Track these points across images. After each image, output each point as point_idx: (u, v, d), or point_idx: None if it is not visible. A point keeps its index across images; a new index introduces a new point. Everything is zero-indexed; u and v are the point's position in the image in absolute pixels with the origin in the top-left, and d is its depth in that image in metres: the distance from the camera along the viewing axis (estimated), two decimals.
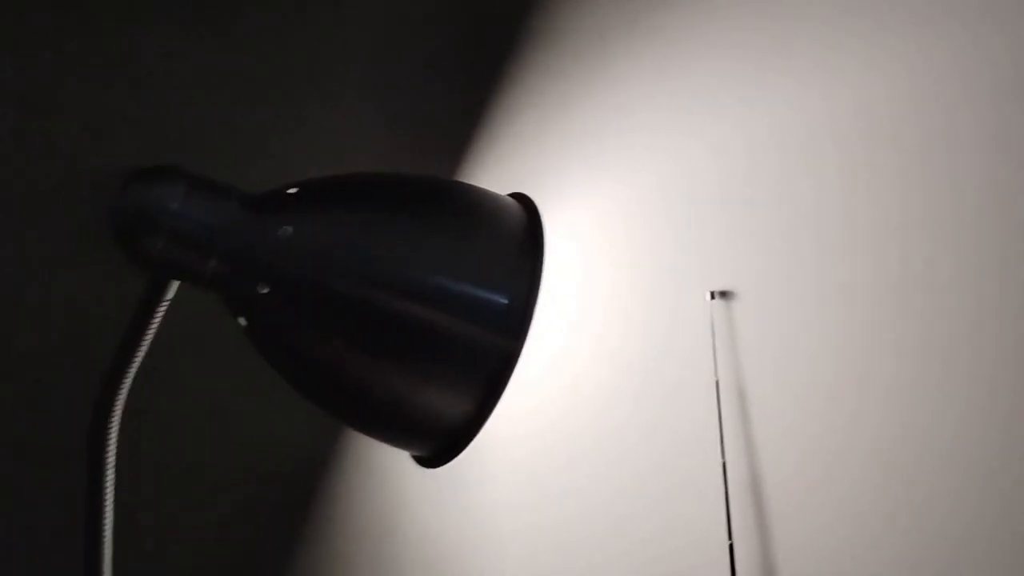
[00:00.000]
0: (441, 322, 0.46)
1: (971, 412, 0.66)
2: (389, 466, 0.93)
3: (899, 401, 0.69)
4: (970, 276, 0.66)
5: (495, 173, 0.94)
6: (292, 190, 0.49)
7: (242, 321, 0.49)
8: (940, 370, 0.66)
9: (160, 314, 0.51)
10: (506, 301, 0.47)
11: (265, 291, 0.47)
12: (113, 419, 0.53)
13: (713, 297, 0.74)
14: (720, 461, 0.73)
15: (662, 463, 0.79)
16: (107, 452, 0.53)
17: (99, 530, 0.55)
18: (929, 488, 0.71)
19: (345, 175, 0.50)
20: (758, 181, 0.74)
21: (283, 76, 0.89)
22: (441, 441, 0.50)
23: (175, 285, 0.50)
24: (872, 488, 0.72)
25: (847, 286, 0.72)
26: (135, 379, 0.53)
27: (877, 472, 0.72)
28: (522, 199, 0.54)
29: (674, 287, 0.78)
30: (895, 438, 0.71)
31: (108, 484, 0.54)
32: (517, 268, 0.48)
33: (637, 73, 0.83)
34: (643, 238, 0.82)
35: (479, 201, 0.50)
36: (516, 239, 0.49)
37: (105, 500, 0.55)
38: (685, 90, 0.80)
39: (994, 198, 0.63)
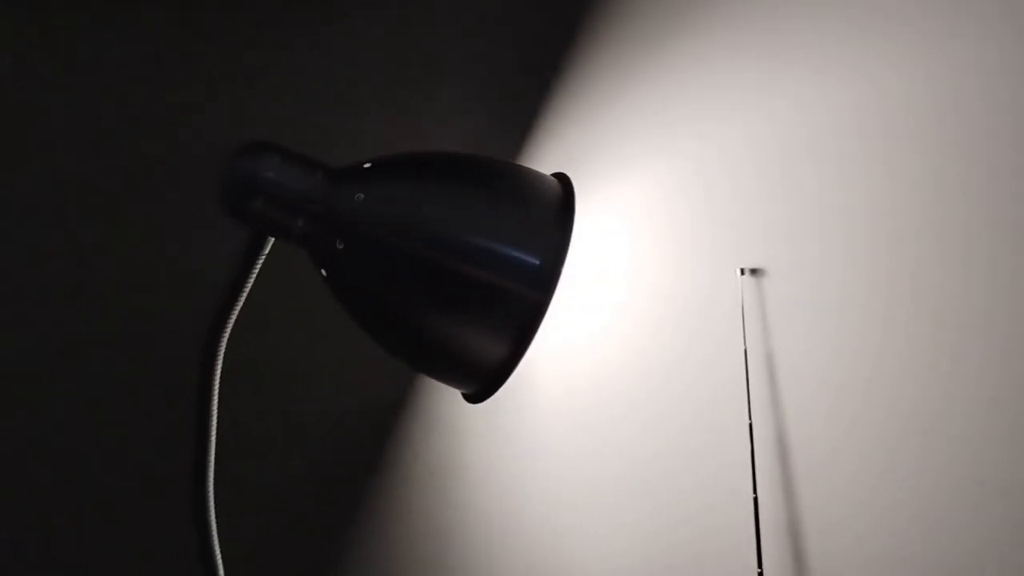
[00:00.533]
0: (482, 276, 0.55)
1: (985, 379, 0.72)
2: (449, 416, 1.03)
3: (915, 372, 0.75)
4: (983, 259, 0.72)
5: (555, 153, 1.03)
6: (367, 165, 0.59)
7: (323, 272, 0.59)
8: (954, 342, 0.72)
9: (258, 266, 0.62)
10: (538, 262, 0.56)
11: (341, 247, 0.57)
12: (218, 359, 0.64)
13: (743, 273, 0.81)
14: (747, 422, 0.80)
15: (693, 425, 0.87)
16: (213, 386, 0.64)
17: (206, 458, 0.66)
18: (948, 447, 0.76)
19: (409, 153, 0.59)
20: (788, 171, 0.81)
21: (367, 75, 1.00)
22: (483, 380, 0.59)
23: (271, 241, 0.61)
24: (892, 448, 0.78)
25: (868, 267, 0.78)
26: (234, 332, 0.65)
27: (896, 434, 0.78)
28: (561, 178, 0.63)
29: (708, 263, 0.85)
30: (912, 403, 0.76)
31: (213, 411, 0.65)
32: (550, 235, 0.57)
33: (683, 65, 0.90)
34: (682, 217, 0.89)
35: (522, 177, 0.59)
36: (551, 210, 0.58)
37: (211, 431, 0.66)
38: (724, 83, 0.87)
39: (1008, 192, 0.68)
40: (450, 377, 0.61)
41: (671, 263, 0.89)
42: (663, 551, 0.91)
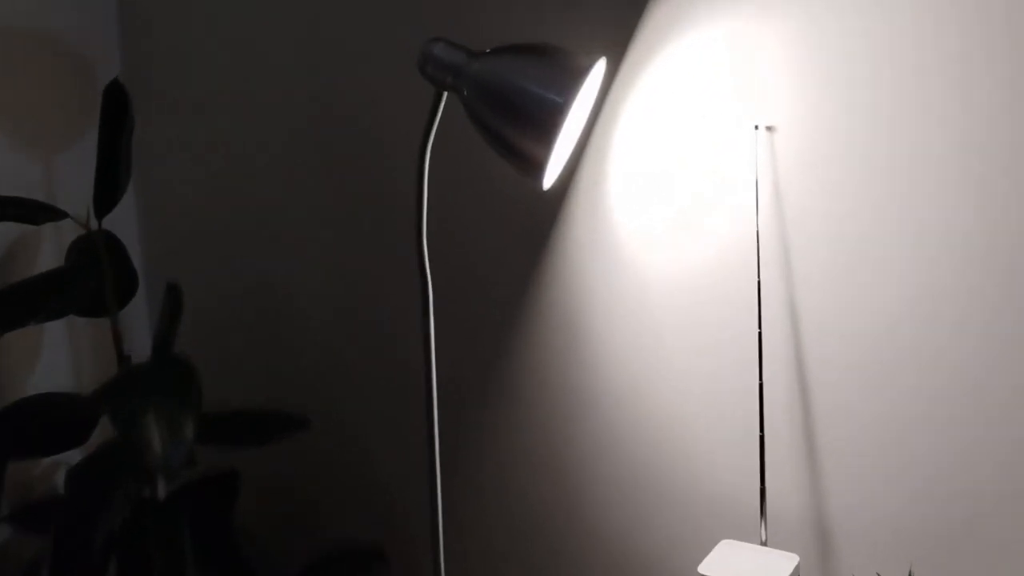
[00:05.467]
0: (527, 105, 1.01)
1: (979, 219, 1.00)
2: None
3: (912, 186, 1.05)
4: (987, 107, 1.00)
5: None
6: (487, 50, 1.07)
7: (464, 109, 1.09)
8: (945, 179, 1.00)
9: (441, 108, 1.14)
10: (560, 100, 1.00)
11: (466, 93, 1.06)
12: (429, 144, 1.16)
13: (757, 128, 1.12)
14: (755, 229, 1.13)
15: (717, 231, 1.20)
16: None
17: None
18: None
19: (508, 44, 1.06)
20: (802, 37, 1.10)
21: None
22: (538, 171, 1.05)
23: (445, 95, 1.12)
24: (881, 251, 1.08)
25: (875, 124, 1.06)
26: None
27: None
28: (592, 59, 1.05)
29: (729, 119, 1.17)
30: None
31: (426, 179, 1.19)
32: (568, 87, 1.00)
33: None
34: (708, 79, 1.20)
35: (567, 54, 1.03)
36: (573, 74, 1.01)
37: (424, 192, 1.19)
38: None
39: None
40: (524, 171, 1.07)
41: (696, 121, 1.22)
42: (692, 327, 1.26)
